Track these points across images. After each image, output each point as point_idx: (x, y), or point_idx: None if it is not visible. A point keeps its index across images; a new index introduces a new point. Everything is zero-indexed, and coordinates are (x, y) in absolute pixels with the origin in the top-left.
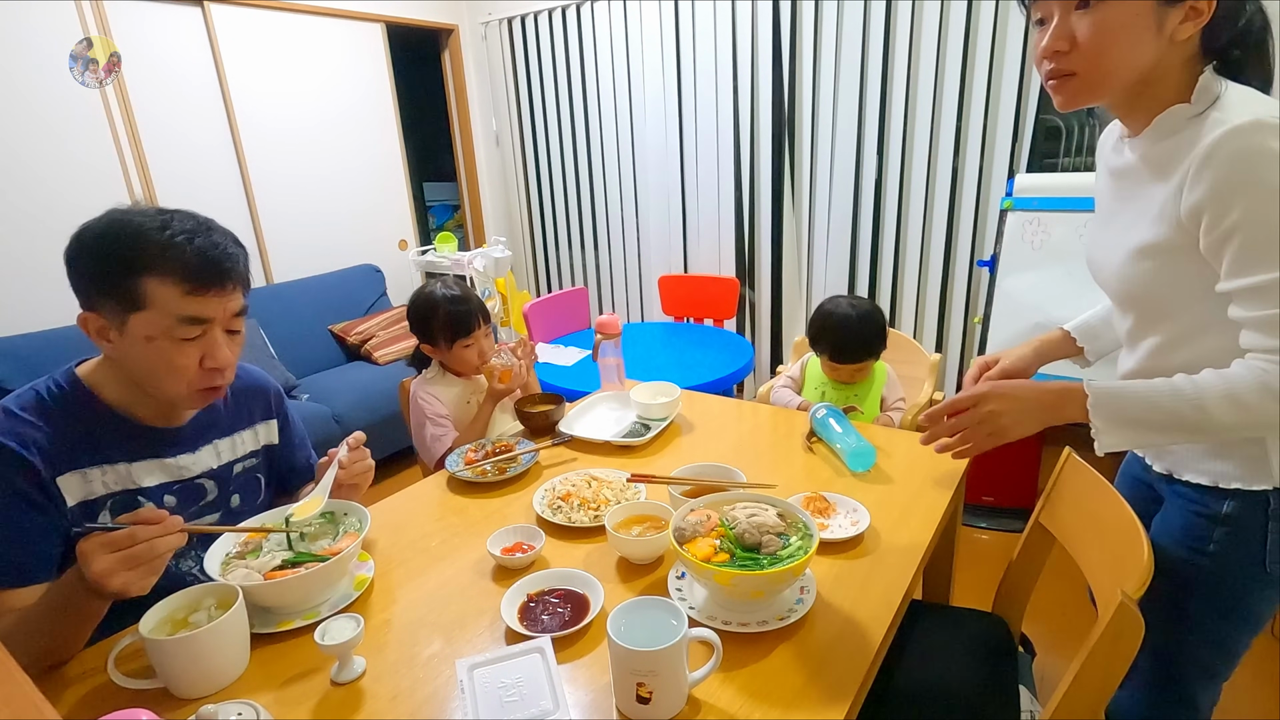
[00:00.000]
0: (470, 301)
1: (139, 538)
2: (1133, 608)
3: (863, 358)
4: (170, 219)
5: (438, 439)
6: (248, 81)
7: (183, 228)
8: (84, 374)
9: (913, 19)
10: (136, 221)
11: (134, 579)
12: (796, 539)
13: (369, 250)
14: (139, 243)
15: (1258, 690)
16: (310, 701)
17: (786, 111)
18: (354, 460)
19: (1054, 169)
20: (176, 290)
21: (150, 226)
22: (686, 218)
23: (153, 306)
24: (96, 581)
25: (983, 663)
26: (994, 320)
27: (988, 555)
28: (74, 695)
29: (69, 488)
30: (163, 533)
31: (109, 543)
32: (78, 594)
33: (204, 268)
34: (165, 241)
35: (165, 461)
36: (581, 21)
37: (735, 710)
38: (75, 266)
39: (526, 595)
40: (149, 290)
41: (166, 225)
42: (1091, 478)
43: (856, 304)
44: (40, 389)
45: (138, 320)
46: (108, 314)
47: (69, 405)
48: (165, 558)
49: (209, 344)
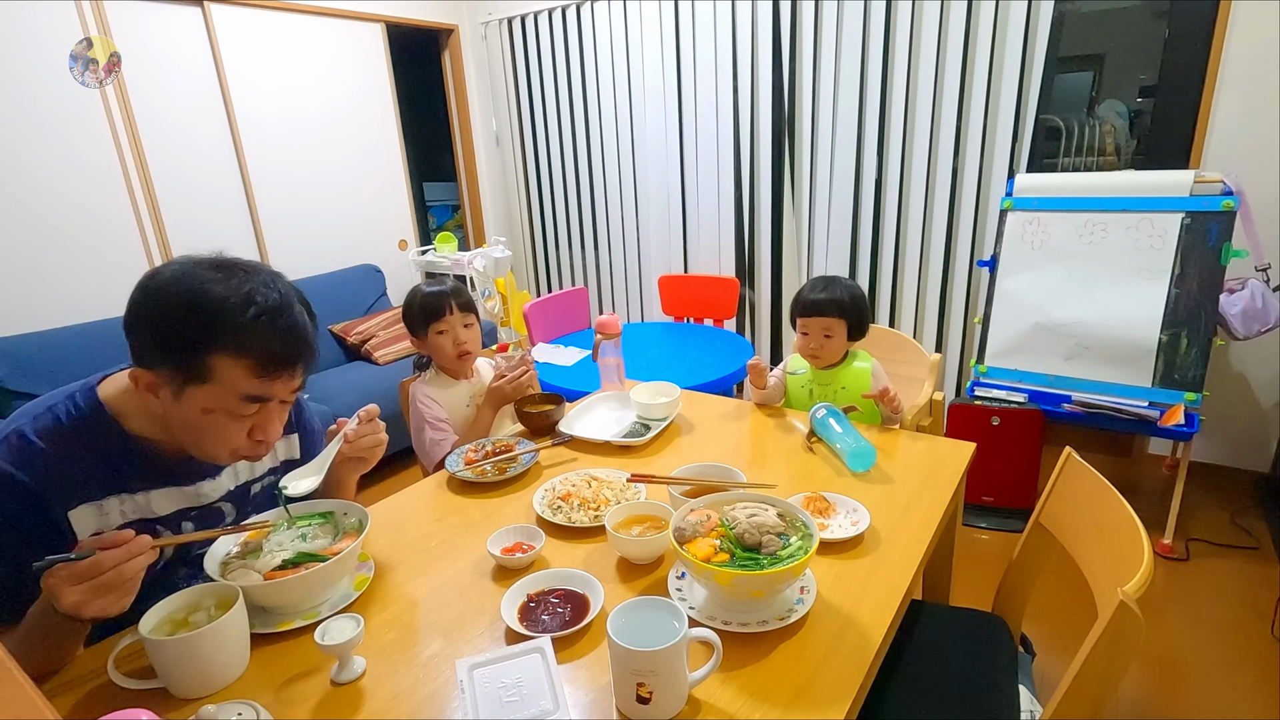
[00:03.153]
0: (447, 287)
1: (104, 565)
2: (1133, 608)
3: (826, 311)
4: (253, 293)
5: (437, 443)
6: (248, 81)
7: (264, 304)
8: (107, 398)
9: (913, 19)
10: (217, 294)
11: (109, 604)
12: (796, 539)
13: (369, 250)
14: (220, 320)
15: (1258, 690)
16: (310, 701)
17: (786, 111)
18: (361, 435)
19: (1054, 169)
20: (247, 371)
21: (233, 302)
22: (686, 218)
23: (218, 382)
24: (70, 614)
25: (983, 663)
26: (994, 320)
27: (988, 555)
28: (74, 695)
29: (82, 521)
30: (127, 556)
31: (75, 575)
32: (55, 618)
33: (282, 354)
34: (246, 323)
35: (185, 490)
36: (581, 21)
37: (735, 710)
38: (140, 323)
39: (526, 595)
40: (218, 366)
41: (250, 301)
42: (1091, 478)
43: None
44: (60, 411)
45: (197, 392)
46: (165, 377)
47: (89, 432)
48: (138, 578)
49: (263, 418)
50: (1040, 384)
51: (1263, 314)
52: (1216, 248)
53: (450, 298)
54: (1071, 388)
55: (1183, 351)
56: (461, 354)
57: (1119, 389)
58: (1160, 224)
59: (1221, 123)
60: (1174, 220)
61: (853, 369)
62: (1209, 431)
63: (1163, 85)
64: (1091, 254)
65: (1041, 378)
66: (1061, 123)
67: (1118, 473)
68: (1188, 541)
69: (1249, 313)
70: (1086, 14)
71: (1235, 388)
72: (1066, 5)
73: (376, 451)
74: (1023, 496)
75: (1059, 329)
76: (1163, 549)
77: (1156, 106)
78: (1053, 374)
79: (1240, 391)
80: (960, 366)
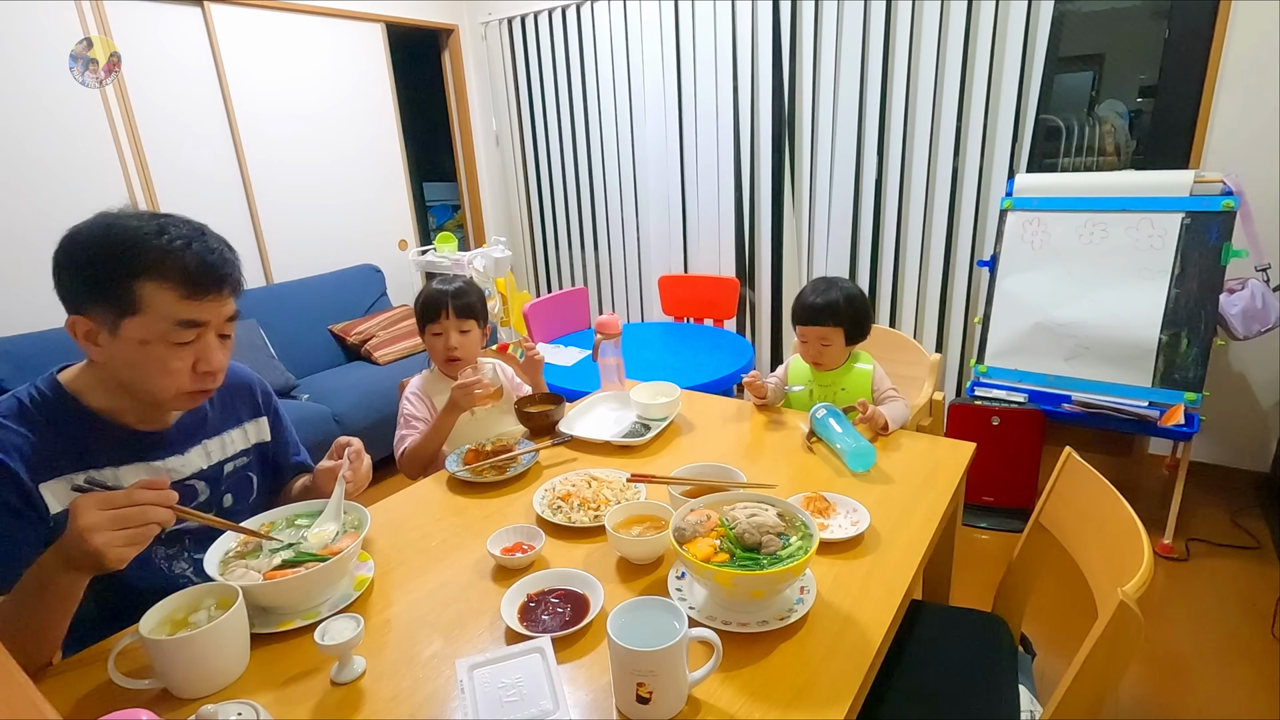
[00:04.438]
0: (450, 288)
1: (136, 499)
2: (1133, 608)
3: (824, 320)
4: (166, 224)
5: (400, 440)
6: (248, 81)
7: (179, 233)
8: (67, 380)
9: (913, 19)
10: (131, 225)
11: (116, 540)
12: (796, 539)
13: (369, 250)
14: (136, 247)
15: (1258, 690)
16: (310, 701)
17: (786, 111)
18: (356, 469)
19: (1054, 169)
20: (173, 295)
21: (146, 231)
22: (686, 218)
23: (148, 310)
24: (79, 536)
25: (983, 663)
26: (994, 320)
27: (988, 555)
28: (74, 695)
29: (53, 495)
30: (158, 500)
31: (103, 499)
32: (52, 569)
33: (202, 272)
34: (163, 246)
35: (153, 464)
36: (581, 21)
37: (735, 710)
38: (65, 270)
39: (526, 595)
40: (145, 294)
41: (163, 230)
42: (1091, 478)
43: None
44: (22, 396)
45: (131, 324)
46: (99, 318)
47: (52, 411)
48: (151, 530)
49: (203, 348)
50: (1040, 384)
51: (1263, 314)
52: (1216, 248)
53: (450, 299)
54: (1071, 388)
55: (1183, 351)
56: (449, 359)
57: (1119, 389)
58: (1160, 224)
59: (1221, 123)
60: (1174, 220)
61: (854, 371)
62: (1209, 431)
63: (1163, 85)
64: (1091, 254)
65: (1041, 378)
66: (1061, 123)
67: (1118, 473)
68: (1188, 541)
69: (1249, 313)
70: (1086, 14)
71: (1235, 388)
72: (1066, 5)
73: (368, 477)
74: (1023, 496)
75: (1059, 329)
76: (1163, 549)
77: (1156, 106)
78: (1053, 374)
79: (1240, 391)
80: (960, 366)
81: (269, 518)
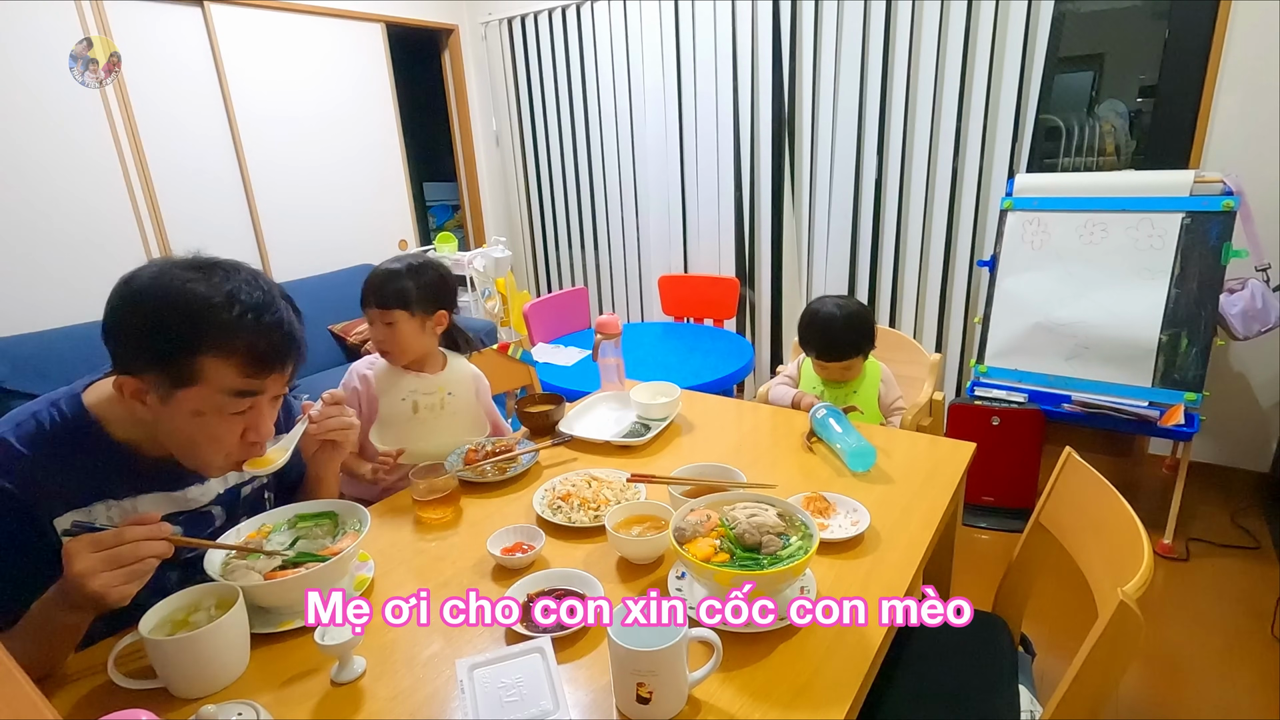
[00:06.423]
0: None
1: (126, 538)
2: (1133, 608)
3: (848, 355)
4: (236, 291)
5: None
6: (248, 81)
7: (249, 302)
8: (92, 404)
9: (913, 19)
10: (200, 293)
11: (114, 581)
12: (796, 539)
13: (369, 250)
14: (203, 320)
15: (1258, 690)
16: (310, 701)
17: (786, 111)
18: (326, 415)
19: (1054, 169)
20: (236, 371)
21: (216, 301)
22: (686, 218)
23: (206, 383)
24: (76, 581)
25: (982, 663)
26: (994, 320)
27: (988, 555)
28: (74, 695)
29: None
30: (150, 535)
31: (94, 541)
32: (56, 609)
33: (269, 350)
34: (231, 321)
35: (173, 495)
36: (581, 21)
37: (735, 710)
38: (122, 330)
39: (526, 595)
40: (206, 368)
41: (233, 300)
42: (1091, 478)
43: (843, 304)
44: (43, 417)
45: (186, 395)
46: (151, 382)
47: (73, 438)
48: (149, 565)
49: (254, 416)
50: (1040, 384)
51: (1263, 314)
52: (1216, 248)
53: (375, 289)
54: (1071, 388)
55: (1183, 351)
56: (380, 352)
57: (1119, 389)
58: (1160, 224)
59: (1221, 123)
60: (1174, 220)
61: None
62: (1209, 431)
63: (1163, 85)
64: (1091, 254)
65: (1041, 378)
66: (1061, 123)
67: (1118, 473)
68: (1188, 541)
69: (1249, 313)
70: (1086, 14)
71: (1235, 388)
72: (1066, 5)
73: (348, 435)
74: (1023, 496)
75: (1059, 329)
76: (1163, 549)
77: (1156, 106)
78: (1053, 374)
79: (1240, 391)
80: (960, 366)
81: (269, 518)
